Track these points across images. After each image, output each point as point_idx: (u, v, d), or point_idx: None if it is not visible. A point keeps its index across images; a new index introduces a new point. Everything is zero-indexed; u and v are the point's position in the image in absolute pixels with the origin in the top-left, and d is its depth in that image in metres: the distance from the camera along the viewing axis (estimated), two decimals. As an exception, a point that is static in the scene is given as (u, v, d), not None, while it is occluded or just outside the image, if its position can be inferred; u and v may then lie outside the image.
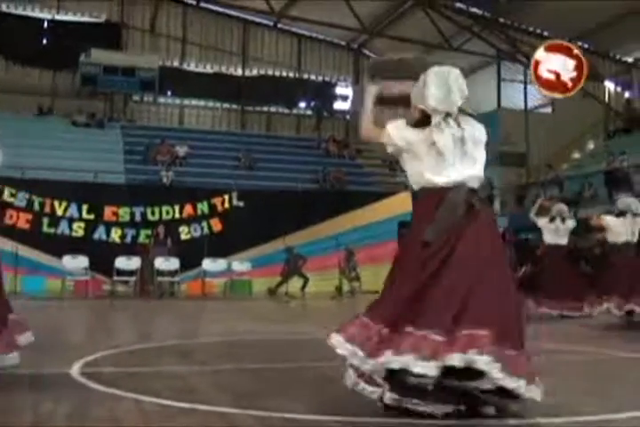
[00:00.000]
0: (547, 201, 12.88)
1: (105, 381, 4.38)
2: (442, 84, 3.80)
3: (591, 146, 25.75)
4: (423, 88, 3.83)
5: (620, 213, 9.95)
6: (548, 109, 27.30)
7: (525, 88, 26.74)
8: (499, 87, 26.51)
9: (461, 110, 3.85)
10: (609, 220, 10.03)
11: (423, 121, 3.83)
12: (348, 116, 29.55)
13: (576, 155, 25.54)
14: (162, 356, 5.86)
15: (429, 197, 3.76)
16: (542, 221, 11.77)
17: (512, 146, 25.21)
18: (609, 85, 26.41)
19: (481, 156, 3.87)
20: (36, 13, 27.40)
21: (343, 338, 3.53)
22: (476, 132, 3.87)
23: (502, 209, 24.52)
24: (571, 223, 11.64)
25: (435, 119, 3.77)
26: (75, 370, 4.82)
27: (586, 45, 24.72)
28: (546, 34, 25.07)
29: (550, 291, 11.12)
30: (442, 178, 3.73)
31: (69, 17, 27.72)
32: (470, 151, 3.80)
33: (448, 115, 3.79)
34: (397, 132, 3.83)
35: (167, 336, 7.83)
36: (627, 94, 26.31)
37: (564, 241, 11.63)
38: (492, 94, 26.65)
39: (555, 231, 11.60)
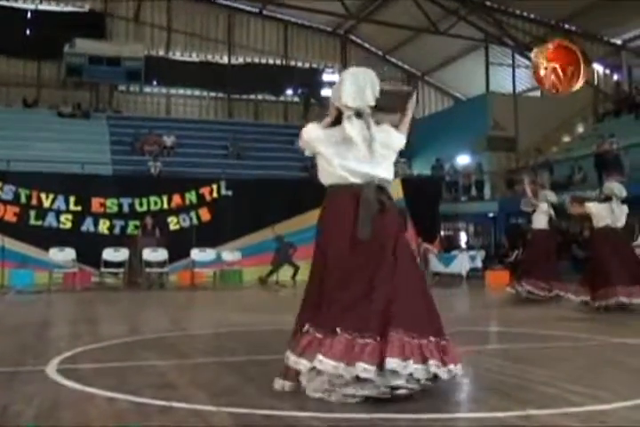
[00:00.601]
0: (531, 185, 12.82)
1: (80, 378, 4.24)
2: (354, 83, 4.01)
3: (580, 129, 25.62)
4: (338, 86, 4.06)
5: (606, 199, 9.91)
6: (537, 93, 27.13)
7: (514, 72, 26.60)
8: (487, 71, 26.31)
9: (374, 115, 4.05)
10: (591, 206, 9.98)
11: (338, 119, 4.02)
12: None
13: (566, 138, 25.42)
14: (144, 350, 5.71)
15: (342, 194, 3.93)
16: (544, 206, 11.75)
17: (501, 130, 25.08)
18: (598, 68, 26.27)
19: (389, 160, 4.04)
20: (20, 4, 27.13)
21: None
22: (387, 137, 4.04)
23: (493, 194, 24.45)
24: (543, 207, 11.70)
25: (346, 114, 3.97)
26: (51, 367, 4.68)
27: (573, 28, 24.57)
28: (533, 16, 24.92)
29: (538, 274, 11.24)
30: (353, 175, 3.91)
31: (53, 7, 27.47)
32: (378, 152, 3.94)
33: (359, 114, 3.96)
34: (308, 134, 4.05)
35: (153, 329, 7.68)
36: (615, 77, 26.14)
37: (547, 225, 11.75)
38: (481, 79, 26.50)
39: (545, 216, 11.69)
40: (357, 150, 3.89)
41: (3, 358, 5.21)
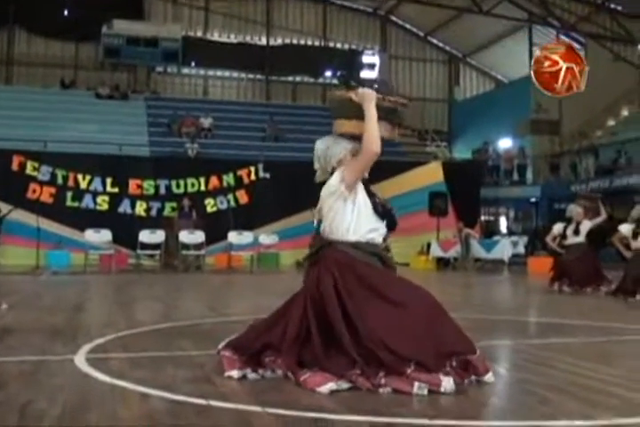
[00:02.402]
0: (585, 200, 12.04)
1: (111, 369, 3.93)
2: None
3: (625, 112, 24.90)
4: None
5: None
6: (582, 75, 26.41)
7: (558, 53, 25.88)
8: (530, 52, 25.63)
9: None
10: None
11: None
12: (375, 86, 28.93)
13: (611, 122, 24.72)
14: (180, 338, 5.39)
15: None
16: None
17: (544, 113, 24.45)
18: (644, 49, 25.47)
19: (329, 209, 4.23)
20: (58, -15, 26.90)
21: None
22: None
23: (535, 178, 23.88)
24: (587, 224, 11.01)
25: None
26: (80, 356, 4.38)
27: (619, 7, 23.84)
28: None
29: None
30: None
31: (90, -13, 27.20)
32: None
33: None
34: None
35: (189, 314, 7.40)
36: (662, 58, 25.35)
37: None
38: (523, 60, 25.79)
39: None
40: None
41: (32, 345, 4.93)
